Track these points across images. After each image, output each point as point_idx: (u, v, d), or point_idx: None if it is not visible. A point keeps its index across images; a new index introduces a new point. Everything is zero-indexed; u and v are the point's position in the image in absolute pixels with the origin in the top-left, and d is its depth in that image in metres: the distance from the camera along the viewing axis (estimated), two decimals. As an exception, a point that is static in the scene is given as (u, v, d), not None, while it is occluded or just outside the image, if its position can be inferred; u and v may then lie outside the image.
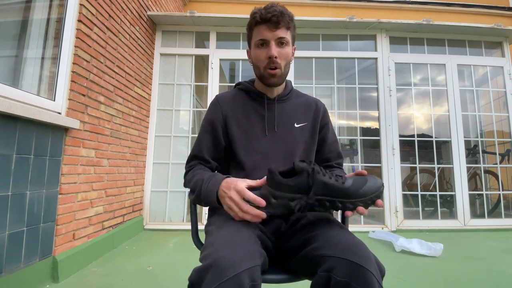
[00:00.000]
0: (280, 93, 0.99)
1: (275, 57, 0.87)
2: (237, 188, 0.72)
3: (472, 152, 3.47)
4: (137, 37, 2.71)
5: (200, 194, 0.80)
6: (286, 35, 0.88)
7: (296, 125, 0.97)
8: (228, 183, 0.75)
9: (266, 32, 0.86)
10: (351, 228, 1.10)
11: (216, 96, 1.02)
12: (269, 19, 0.84)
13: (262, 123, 0.95)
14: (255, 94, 0.99)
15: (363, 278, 0.58)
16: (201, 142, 0.96)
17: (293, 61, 0.97)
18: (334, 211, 0.79)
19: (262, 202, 0.68)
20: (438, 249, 2.17)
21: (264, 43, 0.88)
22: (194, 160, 0.96)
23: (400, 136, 3.19)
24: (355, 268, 0.59)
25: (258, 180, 0.75)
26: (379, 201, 0.68)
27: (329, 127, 1.03)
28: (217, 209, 0.91)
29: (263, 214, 0.70)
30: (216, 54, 3.20)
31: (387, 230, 2.95)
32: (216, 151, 0.96)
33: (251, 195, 0.70)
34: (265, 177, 0.72)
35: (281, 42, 0.88)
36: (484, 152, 3.49)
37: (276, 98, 0.98)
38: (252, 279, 0.57)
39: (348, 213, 0.68)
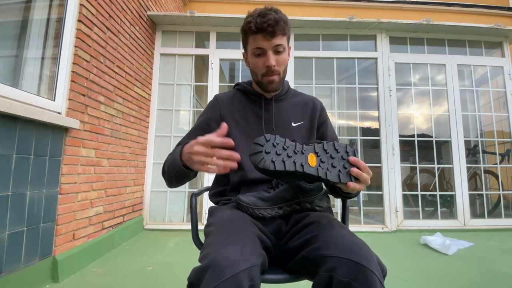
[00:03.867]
0: (277, 93, 1.00)
1: (273, 66, 0.87)
2: (200, 140, 0.67)
3: (472, 152, 3.47)
4: (137, 37, 2.71)
5: (170, 169, 0.80)
6: (283, 41, 0.88)
7: (293, 124, 0.98)
8: (190, 143, 0.72)
9: (263, 41, 0.86)
10: (351, 228, 1.10)
11: (215, 96, 1.03)
12: (264, 29, 0.83)
13: (260, 123, 0.97)
14: (253, 94, 1.00)
15: (365, 278, 0.58)
16: (191, 135, 0.95)
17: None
18: (334, 211, 0.79)
19: (230, 142, 0.64)
20: (449, 249, 2.22)
21: (261, 52, 0.88)
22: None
23: (400, 136, 3.19)
24: (357, 268, 0.59)
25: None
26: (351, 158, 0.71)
27: (328, 124, 1.04)
28: (216, 210, 0.92)
29: (235, 154, 0.65)
30: (216, 54, 3.20)
31: (387, 230, 2.95)
32: None
33: (215, 137, 0.65)
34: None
35: (278, 50, 0.88)
36: (484, 152, 3.49)
37: (273, 98, 0.99)
38: (251, 279, 0.57)
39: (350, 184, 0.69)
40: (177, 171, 0.77)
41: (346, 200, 0.97)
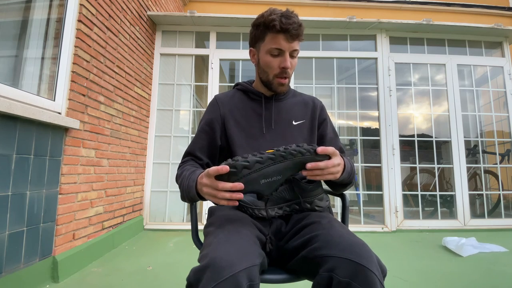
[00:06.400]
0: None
1: (289, 68, 0.89)
2: (204, 173, 0.71)
3: (472, 152, 3.47)
4: (137, 37, 2.71)
5: (184, 192, 0.81)
6: (298, 47, 0.89)
7: (294, 123, 0.98)
8: (201, 175, 0.74)
9: (284, 42, 0.86)
10: (351, 228, 1.10)
11: (215, 96, 1.03)
12: (289, 31, 0.84)
13: (260, 121, 0.96)
14: (253, 93, 1.00)
15: (365, 278, 0.58)
16: (197, 140, 0.97)
17: None
18: (334, 211, 0.79)
19: (224, 167, 0.64)
20: (462, 249, 2.21)
21: (279, 53, 0.88)
22: (188, 156, 0.97)
23: (400, 136, 3.19)
24: (357, 268, 0.59)
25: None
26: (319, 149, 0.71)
27: (328, 123, 1.03)
28: (216, 210, 0.92)
29: (239, 184, 0.65)
30: (216, 54, 3.20)
31: (387, 230, 2.95)
32: (210, 150, 0.97)
33: (213, 168, 0.66)
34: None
35: (293, 55, 0.90)
36: (484, 152, 3.49)
37: (274, 97, 0.99)
38: (250, 279, 0.57)
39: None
40: (191, 197, 0.79)
41: (346, 200, 0.97)
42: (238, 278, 0.55)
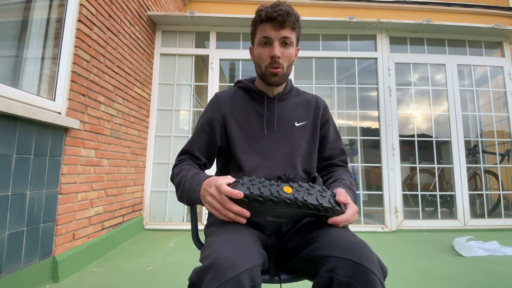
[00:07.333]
0: (280, 92, 0.97)
1: (278, 57, 0.85)
2: (217, 184, 0.69)
3: (472, 152, 3.48)
4: (137, 37, 2.71)
5: (183, 193, 0.80)
6: (291, 35, 0.86)
7: (296, 124, 0.96)
8: (209, 181, 0.73)
9: (270, 31, 0.84)
10: (351, 228, 1.10)
11: (216, 94, 1.00)
12: (274, 18, 0.82)
13: (261, 122, 0.94)
14: (255, 93, 0.97)
15: (365, 278, 0.58)
16: (196, 139, 0.95)
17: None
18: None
19: (239, 194, 0.64)
20: (462, 249, 2.21)
21: (267, 42, 0.86)
22: (185, 154, 0.95)
23: (400, 136, 3.19)
24: (358, 268, 0.59)
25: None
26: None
27: (330, 124, 1.01)
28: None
29: (246, 212, 0.66)
30: (216, 54, 3.20)
31: (387, 230, 2.95)
32: (208, 150, 0.95)
33: (227, 189, 0.66)
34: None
35: (285, 43, 0.86)
36: (484, 152, 3.49)
37: (276, 97, 0.96)
38: (252, 279, 0.57)
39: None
40: (192, 200, 0.78)
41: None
42: (241, 278, 0.55)
